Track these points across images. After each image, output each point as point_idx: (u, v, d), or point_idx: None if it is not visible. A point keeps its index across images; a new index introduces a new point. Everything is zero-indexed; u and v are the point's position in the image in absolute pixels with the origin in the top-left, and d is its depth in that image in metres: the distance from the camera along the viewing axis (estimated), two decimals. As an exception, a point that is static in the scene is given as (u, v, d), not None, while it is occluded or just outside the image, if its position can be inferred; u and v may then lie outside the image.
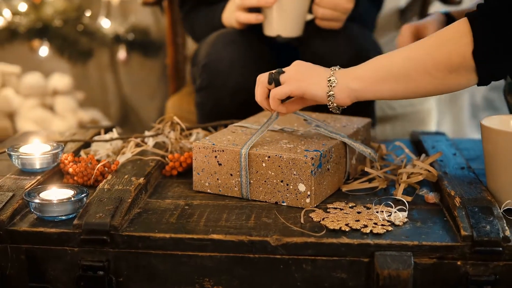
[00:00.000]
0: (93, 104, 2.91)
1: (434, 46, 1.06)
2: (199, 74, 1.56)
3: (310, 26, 1.51)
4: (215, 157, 1.16)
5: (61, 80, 2.67)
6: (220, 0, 1.62)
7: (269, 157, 1.12)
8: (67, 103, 2.66)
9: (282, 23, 1.47)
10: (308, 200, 1.11)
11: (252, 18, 1.49)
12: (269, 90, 1.15)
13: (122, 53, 2.72)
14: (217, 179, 1.17)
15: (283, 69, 1.14)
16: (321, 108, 1.31)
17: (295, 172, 1.11)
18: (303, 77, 1.13)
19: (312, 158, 1.09)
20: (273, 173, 1.12)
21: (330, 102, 1.11)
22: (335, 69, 1.12)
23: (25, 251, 1.03)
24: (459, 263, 0.98)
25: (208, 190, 1.18)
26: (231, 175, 1.15)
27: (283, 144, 1.16)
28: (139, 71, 2.90)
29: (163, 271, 1.02)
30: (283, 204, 1.12)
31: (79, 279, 1.01)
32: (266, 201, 1.13)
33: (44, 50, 2.54)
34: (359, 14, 1.59)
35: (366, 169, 1.21)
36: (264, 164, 1.12)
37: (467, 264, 0.98)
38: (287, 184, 1.12)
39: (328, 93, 1.10)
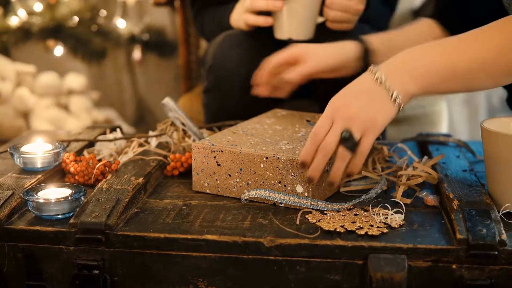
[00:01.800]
0: (109, 104, 2.93)
1: (505, 49, 1.03)
2: (206, 76, 1.56)
3: (320, 28, 1.51)
4: (214, 157, 1.16)
5: (76, 79, 2.69)
6: (230, 0, 1.62)
7: (267, 158, 1.12)
8: (82, 102, 2.68)
9: (292, 26, 1.46)
10: (305, 201, 1.10)
11: (261, 21, 1.48)
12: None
13: (137, 53, 2.73)
14: (216, 179, 1.17)
15: (345, 131, 1.04)
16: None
17: (292, 173, 1.10)
18: (369, 117, 1.04)
19: None
20: (271, 174, 1.12)
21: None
22: (381, 80, 1.05)
23: (22, 249, 1.04)
24: (454, 266, 0.97)
25: (207, 191, 1.18)
26: (230, 175, 1.15)
27: (282, 145, 1.15)
28: (155, 71, 2.91)
29: (157, 270, 1.02)
30: (281, 205, 1.12)
31: (75, 278, 1.02)
32: (264, 203, 1.13)
33: (59, 50, 2.56)
34: (371, 16, 1.58)
35: (364, 173, 1.19)
36: (262, 165, 1.12)
37: (462, 267, 0.96)
38: (285, 185, 1.11)
39: (400, 109, 1.06)
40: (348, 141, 1.04)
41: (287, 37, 1.47)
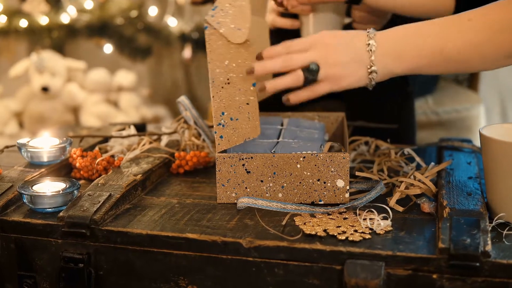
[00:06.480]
0: (163, 101, 2.97)
1: (498, 31, 1.02)
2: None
3: (347, 28, 1.49)
4: (243, 165, 1.11)
5: (126, 76, 2.74)
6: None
7: (304, 157, 1.10)
8: (131, 99, 2.73)
9: (319, 28, 1.45)
10: (347, 195, 1.09)
11: (288, 24, 1.47)
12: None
13: (187, 52, 2.76)
14: (246, 187, 1.12)
15: (315, 63, 1.07)
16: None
17: (332, 169, 1.09)
18: (340, 72, 1.07)
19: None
20: (308, 173, 1.10)
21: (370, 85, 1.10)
22: (371, 49, 1.06)
23: (14, 240, 1.07)
24: (434, 276, 0.94)
25: (235, 201, 1.12)
26: (262, 181, 1.11)
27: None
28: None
29: (140, 267, 1.03)
30: (320, 202, 1.10)
31: (61, 270, 1.04)
32: (301, 203, 1.11)
33: (108, 47, 2.62)
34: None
35: (358, 173, 1.17)
36: (298, 166, 1.10)
37: (443, 278, 0.93)
38: (324, 182, 1.10)
39: (369, 83, 1.09)
40: (311, 73, 1.07)
41: None
